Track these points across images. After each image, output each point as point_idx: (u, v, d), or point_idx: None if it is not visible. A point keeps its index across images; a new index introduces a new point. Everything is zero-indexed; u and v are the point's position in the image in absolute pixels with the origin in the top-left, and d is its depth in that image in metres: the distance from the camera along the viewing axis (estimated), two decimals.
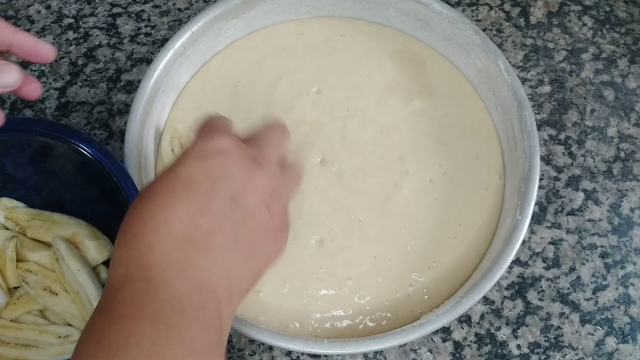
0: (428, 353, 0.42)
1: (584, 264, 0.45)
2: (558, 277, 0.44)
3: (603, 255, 0.45)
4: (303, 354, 0.42)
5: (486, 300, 0.44)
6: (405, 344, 0.42)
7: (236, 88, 0.46)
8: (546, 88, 0.51)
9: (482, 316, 0.43)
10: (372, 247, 0.41)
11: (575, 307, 0.44)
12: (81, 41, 0.53)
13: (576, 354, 0.42)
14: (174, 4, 0.55)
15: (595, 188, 0.47)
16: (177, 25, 0.54)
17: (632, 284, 0.44)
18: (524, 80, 0.51)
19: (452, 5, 0.54)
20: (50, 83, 0.52)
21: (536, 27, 0.53)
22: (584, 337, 0.43)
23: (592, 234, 0.46)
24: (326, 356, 0.43)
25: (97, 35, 0.54)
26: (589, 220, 0.46)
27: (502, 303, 0.44)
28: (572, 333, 0.43)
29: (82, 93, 0.51)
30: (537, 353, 0.42)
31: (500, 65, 0.43)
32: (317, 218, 0.42)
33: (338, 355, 0.41)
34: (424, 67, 0.47)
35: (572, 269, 0.45)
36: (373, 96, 0.46)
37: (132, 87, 0.51)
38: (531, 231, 0.46)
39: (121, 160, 0.40)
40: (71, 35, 0.54)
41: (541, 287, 0.44)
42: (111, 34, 0.54)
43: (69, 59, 0.53)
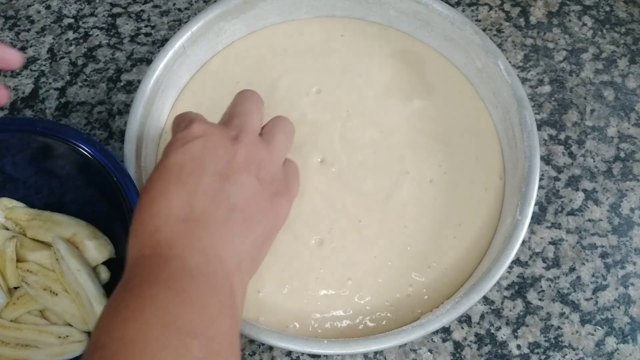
0: (428, 353, 0.42)
1: (584, 264, 0.45)
2: (558, 277, 0.44)
3: (603, 255, 0.45)
4: (303, 354, 0.42)
5: (486, 300, 0.44)
6: (405, 344, 0.42)
7: (236, 88, 0.46)
8: (546, 88, 0.51)
9: (482, 316, 0.43)
10: (372, 247, 0.41)
11: (575, 307, 0.44)
12: (81, 41, 0.53)
13: (576, 354, 0.42)
14: (174, 4, 0.55)
15: (595, 188, 0.47)
16: (177, 25, 0.54)
17: (632, 284, 0.44)
18: (524, 80, 0.51)
19: (452, 5, 0.54)
20: (50, 83, 0.52)
21: (536, 27, 0.53)
22: (584, 337, 0.43)
23: (592, 234, 0.46)
24: (326, 356, 0.43)
25: (97, 35, 0.54)
26: (589, 220, 0.46)
27: (502, 303, 0.44)
28: (572, 333, 0.43)
29: (82, 93, 0.51)
30: (537, 353, 0.42)
31: (500, 65, 0.43)
32: (317, 218, 0.42)
33: (338, 355, 0.41)
34: (424, 67, 0.47)
35: (572, 269, 0.45)
36: (373, 96, 0.46)
37: (132, 87, 0.51)
38: (531, 231, 0.46)
39: (121, 160, 0.40)
40: (71, 35, 0.54)
41: (541, 287, 0.44)
42: (111, 34, 0.54)
43: (69, 59, 0.53)
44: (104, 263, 0.41)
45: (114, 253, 0.41)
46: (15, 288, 0.41)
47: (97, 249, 0.40)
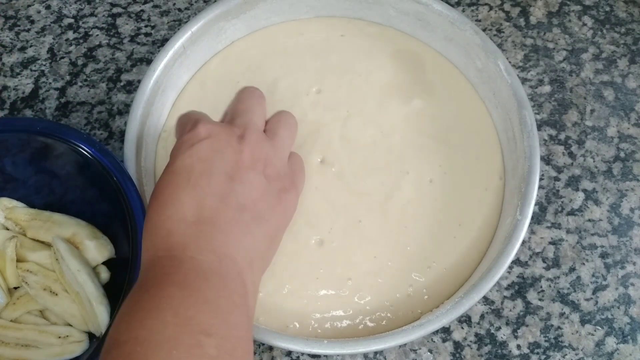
0: (428, 353, 0.42)
1: (584, 264, 0.45)
2: (558, 277, 0.44)
3: (603, 255, 0.45)
4: (303, 354, 0.42)
5: (486, 300, 0.44)
6: (405, 344, 0.42)
7: (236, 88, 0.46)
8: (546, 88, 0.51)
9: (482, 316, 0.43)
10: (372, 247, 0.41)
11: (575, 307, 0.44)
12: (81, 41, 0.53)
13: (576, 354, 0.42)
14: (174, 4, 0.55)
15: (595, 188, 0.47)
16: (177, 25, 0.54)
17: (632, 284, 0.44)
18: (524, 80, 0.51)
19: (452, 5, 0.54)
20: (50, 83, 0.52)
21: (536, 27, 0.53)
22: (584, 337, 0.43)
23: (592, 234, 0.46)
24: (326, 356, 0.43)
25: (97, 35, 0.54)
26: (589, 220, 0.46)
27: (502, 303, 0.44)
28: (572, 333, 0.43)
29: (82, 93, 0.51)
30: (537, 353, 0.42)
31: (500, 65, 0.43)
32: (317, 218, 0.42)
33: (338, 355, 0.41)
34: (424, 67, 0.47)
35: (572, 269, 0.45)
36: (373, 96, 0.46)
37: (132, 87, 0.51)
38: (531, 231, 0.46)
39: (121, 160, 0.40)
40: (71, 35, 0.54)
41: (541, 287, 0.44)
42: (111, 34, 0.54)
43: (69, 59, 0.53)
44: (104, 263, 0.41)
45: (114, 253, 0.41)
46: (15, 288, 0.41)
47: (97, 249, 0.40)
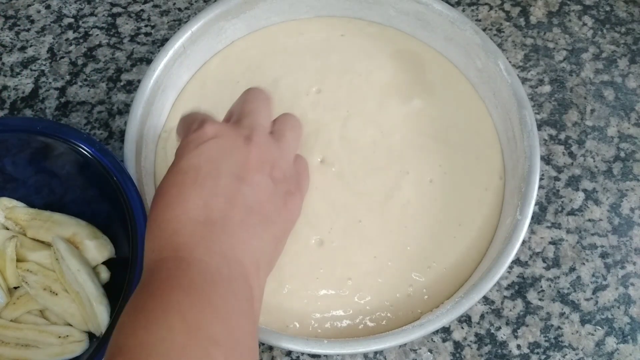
0: (428, 353, 0.42)
1: (584, 264, 0.45)
2: (558, 277, 0.44)
3: (603, 255, 0.45)
4: (303, 354, 0.42)
5: (486, 300, 0.44)
6: (405, 344, 0.42)
7: (236, 88, 0.46)
8: (546, 88, 0.51)
9: (482, 316, 0.43)
10: (372, 247, 0.41)
11: (575, 307, 0.44)
12: (81, 41, 0.53)
13: (576, 354, 0.42)
14: (174, 4, 0.55)
15: (595, 188, 0.47)
16: (177, 25, 0.54)
17: (632, 284, 0.44)
18: (524, 80, 0.51)
19: (452, 5, 0.54)
20: (50, 83, 0.52)
21: (536, 27, 0.53)
22: (584, 337, 0.43)
23: (592, 234, 0.46)
24: (326, 356, 0.43)
25: (97, 35, 0.54)
26: (589, 220, 0.46)
27: (502, 303, 0.44)
28: (572, 333, 0.43)
29: (82, 93, 0.51)
30: (537, 353, 0.42)
31: (500, 65, 0.43)
32: (317, 218, 0.42)
33: (338, 355, 0.41)
34: (424, 67, 0.47)
35: (572, 269, 0.45)
36: (373, 96, 0.46)
37: (132, 87, 0.51)
38: (531, 231, 0.46)
39: (121, 160, 0.40)
40: (71, 35, 0.54)
41: (541, 287, 0.44)
42: (111, 34, 0.54)
43: (69, 59, 0.53)
44: (104, 263, 0.41)
45: (114, 253, 0.41)
46: (15, 288, 0.41)
47: (97, 249, 0.40)
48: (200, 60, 0.47)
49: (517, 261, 0.45)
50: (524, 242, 0.45)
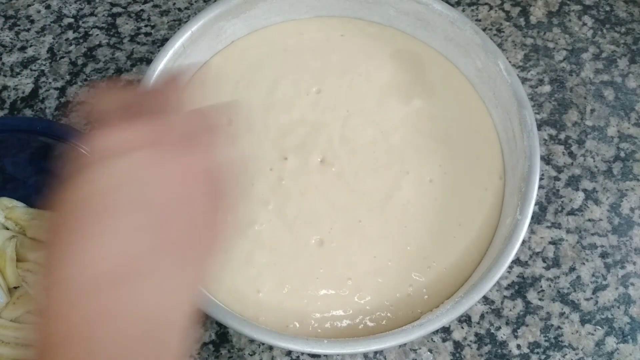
0: (428, 353, 0.42)
1: (584, 264, 0.45)
2: (558, 277, 0.44)
3: (603, 255, 0.45)
4: (303, 354, 0.42)
5: (486, 300, 0.44)
6: (405, 344, 0.42)
7: (236, 88, 0.46)
8: (546, 88, 0.51)
9: (482, 316, 0.43)
10: (372, 247, 0.41)
11: (575, 307, 0.44)
12: (81, 41, 0.53)
13: (576, 354, 0.42)
14: (174, 4, 0.55)
15: (595, 188, 0.47)
16: (177, 25, 0.54)
17: (632, 284, 0.44)
18: (524, 80, 0.51)
19: (452, 5, 0.54)
20: (50, 83, 0.52)
21: (536, 27, 0.53)
22: (584, 337, 0.43)
23: (592, 234, 0.46)
24: (326, 356, 0.43)
25: (97, 35, 0.54)
26: (589, 220, 0.46)
27: (502, 303, 0.44)
28: (572, 333, 0.43)
29: (82, 93, 0.51)
30: (537, 353, 0.42)
31: (500, 65, 0.43)
32: (317, 218, 0.42)
33: (338, 355, 0.41)
34: (424, 67, 0.47)
35: (572, 269, 0.45)
36: (373, 96, 0.46)
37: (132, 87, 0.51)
38: (531, 231, 0.46)
39: None
40: (71, 35, 0.54)
41: (541, 287, 0.44)
42: (111, 34, 0.54)
43: (69, 59, 0.53)
44: None
45: None
46: (15, 288, 0.41)
47: None
48: (200, 60, 0.47)
49: (517, 261, 0.45)
50: (524, 242, 0.45)
